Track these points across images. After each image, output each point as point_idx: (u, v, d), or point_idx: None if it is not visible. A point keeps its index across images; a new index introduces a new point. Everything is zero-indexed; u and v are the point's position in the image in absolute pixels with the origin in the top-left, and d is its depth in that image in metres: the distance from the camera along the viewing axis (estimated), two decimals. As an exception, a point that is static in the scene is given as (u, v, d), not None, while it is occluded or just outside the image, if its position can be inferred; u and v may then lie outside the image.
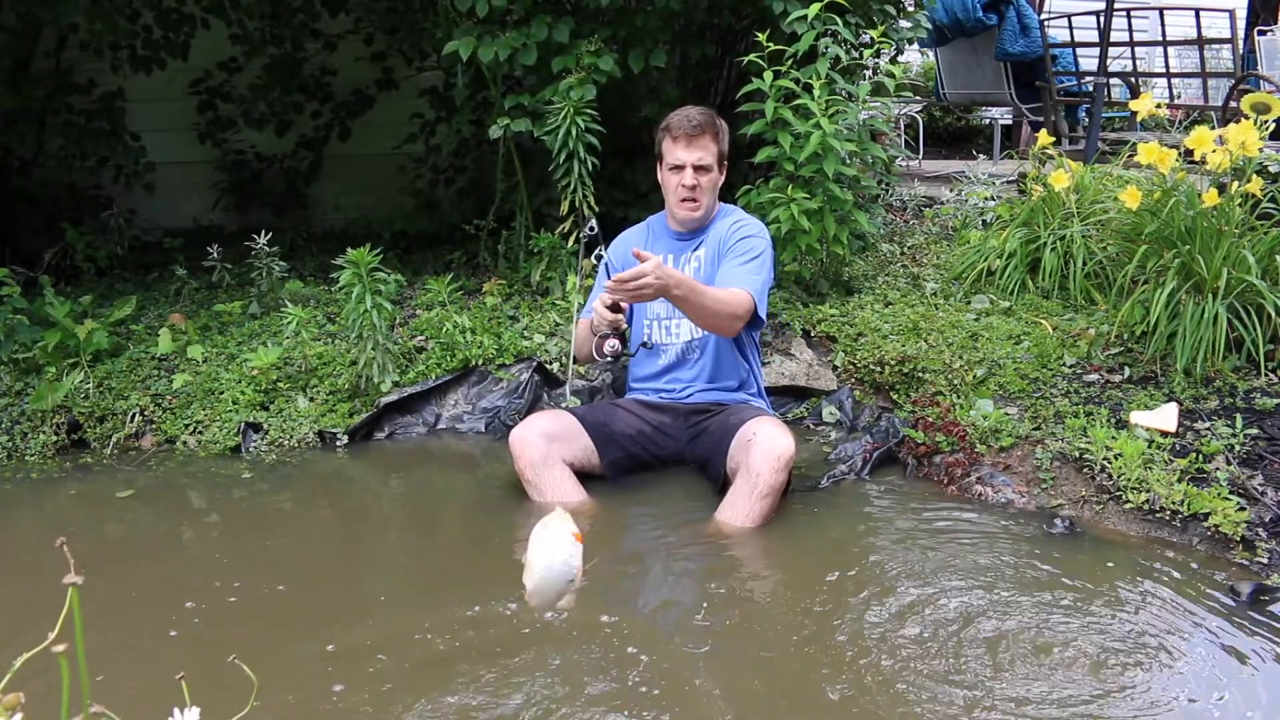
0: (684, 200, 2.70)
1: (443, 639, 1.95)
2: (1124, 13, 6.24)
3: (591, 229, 2.60)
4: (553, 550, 1.57)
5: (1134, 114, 3.48)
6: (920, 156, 6.89)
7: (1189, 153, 3.06)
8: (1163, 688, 1.79)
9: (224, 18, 4.61)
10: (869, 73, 4.02)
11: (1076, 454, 2.61)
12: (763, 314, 2.68)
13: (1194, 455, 2.52)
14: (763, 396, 2.90)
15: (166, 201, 5.07)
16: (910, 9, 4.25)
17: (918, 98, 7.49)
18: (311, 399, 3.23)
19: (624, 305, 2.50)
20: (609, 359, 2.54)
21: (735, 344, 2.76)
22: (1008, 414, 2.87)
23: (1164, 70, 6.66)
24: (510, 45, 3.50)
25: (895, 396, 3.21)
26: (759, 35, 3.43)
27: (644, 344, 2.77)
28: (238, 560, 2.39)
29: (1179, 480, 2.43)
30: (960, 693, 1.76)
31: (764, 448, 2.43)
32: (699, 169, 2.66)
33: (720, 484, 2.59)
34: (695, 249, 2.78)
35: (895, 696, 1.76)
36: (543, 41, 3.51)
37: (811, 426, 3.22)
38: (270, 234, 3.82)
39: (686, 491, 2.68)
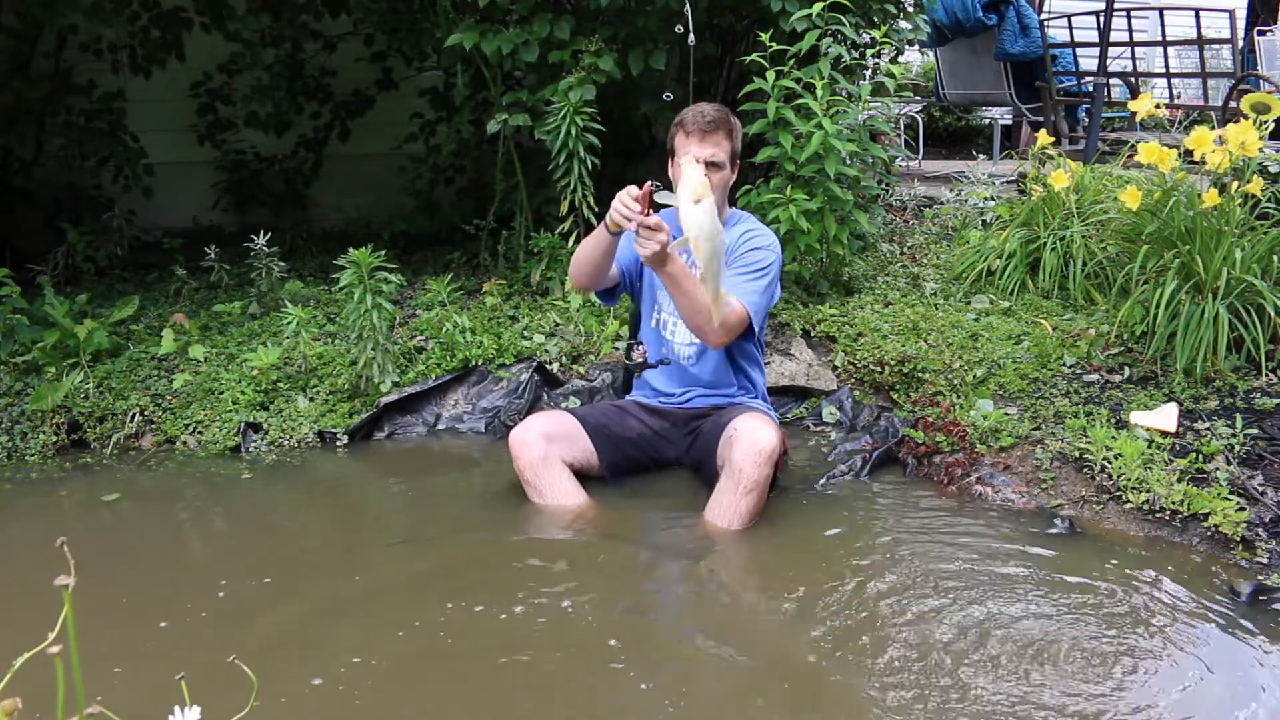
0: None
1: (442, 639, 1.95)
2: (1124, 13, 6.24)
3: (657, 184, 2.40)
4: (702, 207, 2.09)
5: (1134, 114, 3.47)
6: (920, 156, 6.88)
7: (1189, 153, 3.06)
8: (1162, 688, 1.79)
9: (222, 29, 4.61)
10: (869, 73, 4.02)
11: (1076, 454, 2.61)
12: (756, 327, 2.63)
13: (1194, 455, 2.52)
14: (764, 400, 2.89)
15: (166, 201, 5.07)
16: (911, 9, 4.25)
17: (918, 98, 7.49)
18: (311, 399, 3.23)
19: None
20: (636, 364, 2.69)
21: (732, 348, 2.74)
22: (1008, 414, 2.87)
23: (1164, 70, 6.66)
24: (512, 41, 3.51)
25: (895, 396, 3.21)
26: (761, 35, 3.43)
27: (662, 361, 2.76)
28: (237, 561, 2.39)
29: (1179, 480, 2.43)
30: (957, 693, 1.76)
31: (745, 442, 2.42)
32: (711, 165, 2.60)
33: (714, 484, 2.58)
34: None
35: (891, 696, 1.76)
36: (544, 39, 3.52)
37: (811, 426, 3.22)
38: (270, 234, 3.82)
39: (685, 492, 2.68)
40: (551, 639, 1.96)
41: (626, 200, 2.28)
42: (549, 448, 2.60)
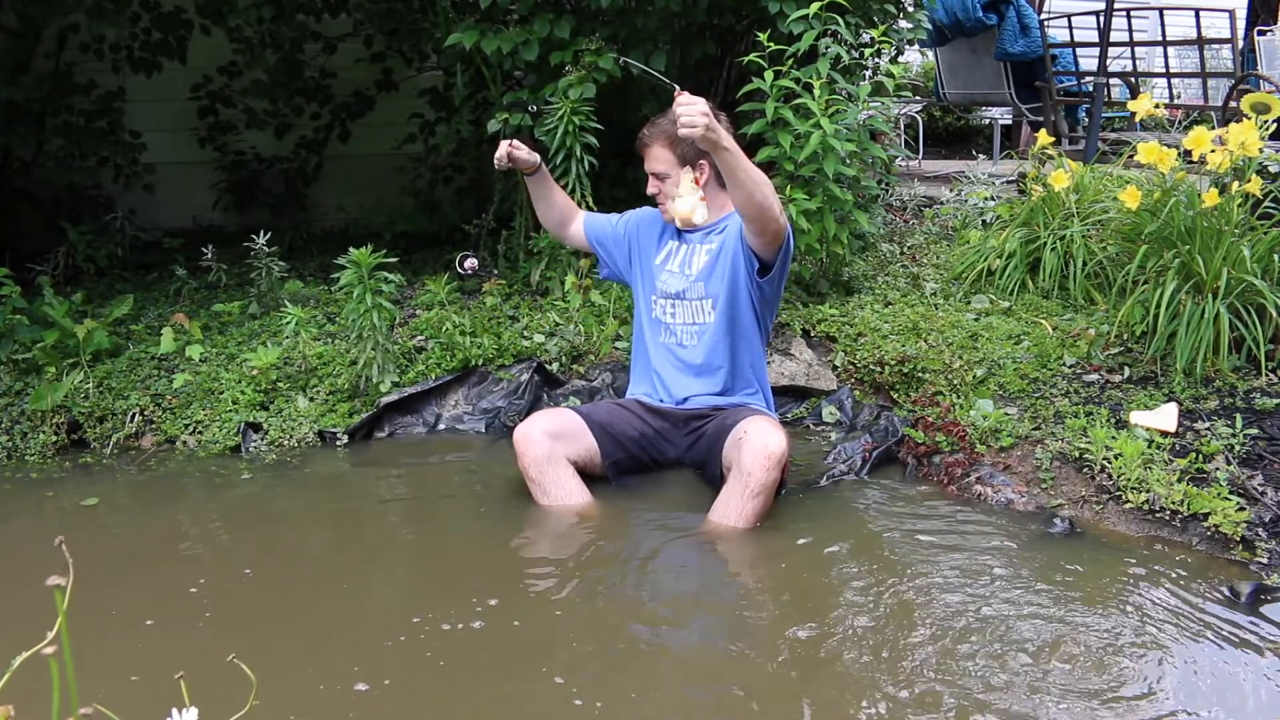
0: (659, 205, 2.84)
1: (441, 640, 1.95)
2: (1124, 13, 6.24)
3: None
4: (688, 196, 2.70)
5: (1134, 114, 3.48)
6: (920, 156, 6.88)
7: (1189, 153, 3.06)
8: (1162, 688, 1.79)
9: (223, 26, 4.61)
10: (869, 73, 4.01)
11: (1076, 454, 2.61)
12: (786, 249, 2.67)
13: (1194, 455, 2.52)
14: (766, 399, 2.88)
15: (166, 201, 5.08)
16: (910, 9, 4.25)
17: (918, 98, 7.49)
18: (311, 399, 3.23)
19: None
20: (468, 274, 3.53)
21: (731, 335, 2.74)
22: (1008, 414, 2.87)
23: (1164, 70, 6.66)
24: (513, 40, 3.51)
25: (895, 396, 3.21)
26: (760, 35, 3.43)
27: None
28: (236, 561, 2.39)
29: (1179, 480, 2.43)
30: (956, 693, 1.76)
31: (755, 445, 2.43)
32: (655, 176, 2.78)
33: (718, 485, 2.59)
34: (705, 242, 2.79)
35: (890, 697, 1.76)
36: (544, 38, 3.52)
37: (811, 426, 3.22)
38: (270, 234, 3.82)
39: (688, 493, 2.68)
40: (554, 641, 1.96)
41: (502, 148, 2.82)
42: (554, 445, 2.59)
